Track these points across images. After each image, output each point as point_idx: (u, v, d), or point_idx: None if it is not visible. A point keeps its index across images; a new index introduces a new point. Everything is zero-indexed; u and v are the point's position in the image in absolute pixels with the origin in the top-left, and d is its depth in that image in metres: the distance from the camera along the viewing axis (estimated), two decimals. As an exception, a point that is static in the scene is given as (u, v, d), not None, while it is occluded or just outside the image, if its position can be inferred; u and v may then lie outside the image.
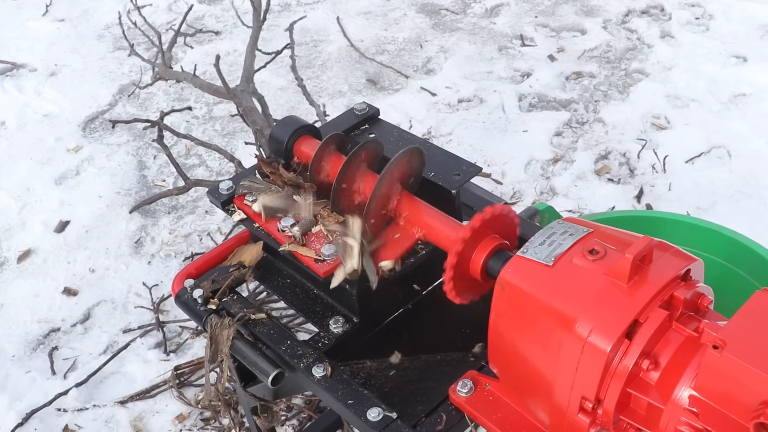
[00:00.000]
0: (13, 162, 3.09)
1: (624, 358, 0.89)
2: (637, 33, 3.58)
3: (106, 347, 2.33)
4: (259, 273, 1.40)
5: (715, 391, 0.85)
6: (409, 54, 3.58)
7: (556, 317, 0.94)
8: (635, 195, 2.72)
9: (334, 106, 3.21)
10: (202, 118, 3.27)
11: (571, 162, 2.88)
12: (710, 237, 1.82)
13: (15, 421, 2.11)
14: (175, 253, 2.63)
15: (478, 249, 1.08)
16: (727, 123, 3.00)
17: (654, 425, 0.91)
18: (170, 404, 2.15)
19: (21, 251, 2.67)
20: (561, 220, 1.06)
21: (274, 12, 3.96)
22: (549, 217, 1.58)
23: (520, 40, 3.59)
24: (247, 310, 1.31)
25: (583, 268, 0.96)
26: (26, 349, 2.35)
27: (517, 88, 3.28)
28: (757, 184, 2.72)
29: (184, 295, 1.37)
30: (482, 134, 3.03)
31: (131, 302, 2.46)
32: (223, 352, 1.29)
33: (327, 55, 3.59)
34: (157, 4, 4.03)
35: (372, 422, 1.11)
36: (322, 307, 1.32)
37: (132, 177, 2.97)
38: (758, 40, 3.45)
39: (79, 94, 3.44)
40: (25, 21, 3.95)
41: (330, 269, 1.16)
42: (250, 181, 1.32)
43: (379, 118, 1.52)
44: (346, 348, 1.27)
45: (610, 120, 3.07)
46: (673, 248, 0.99)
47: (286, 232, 1.22)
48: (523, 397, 1.07)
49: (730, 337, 0.83)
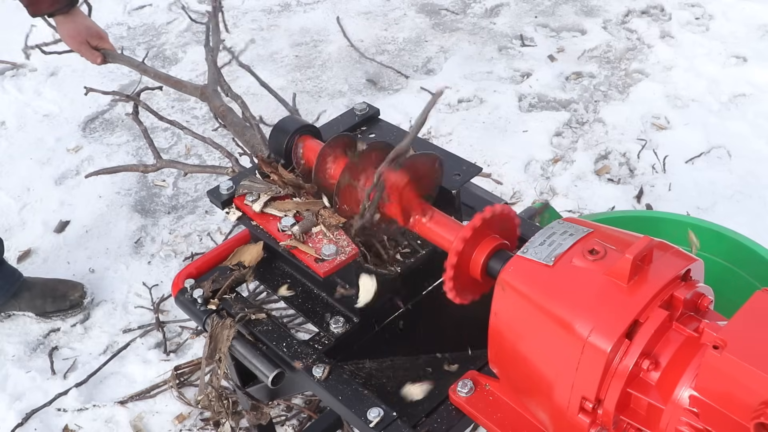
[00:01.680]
0: (13, 162, 3.09)
1: (624, 358, 0.89)
2: (637, 33, 3.58)
3: (106, 347, 2.33)
4: (259, 273, 1.40)
5: (715, 391, 0.85)
6: (409, 54, 3.58)
7: (556, 317, 0.94)
8: (635, 195, 2.72)
9: (334, 106, 3.21)
10: (202, 117, 3.27)
11: (571, 162, 2.88)
12: (710, 237, 1.82)
13: (15, 421, 2.11)
14: (175, 253, 2.63)
15: (479, 249, 1.08)
16: (727, 123, 3.00)
17: (654, 425, 0.91)
18: (170, 404, 2.15)
19: (21, 251, 2.67)
20: (561, 220, 1.06)
21: (274, 12, 3.96)
22: (549, 217, 1.58)
23: (520, 40, 3.59)
24: (247, 310, 1.31)
25: (583, 268, 0.96)
26: (26, 349, 2.35)
27: (517, 88, 3.28)
28: (757, 184, 2.72)
29: (184, 295, 1.37)
30: (482, 134, 3.03)
31: (131, 302, 2.46)
32: (221, 351, 1.29)
33: (327, 55, 3.59)
34: (157, 4, 4.03)
35: (372, 422, 1.11)
36: (322, 307, 1.32)
37: (132, 177, 2.97)
38: (758, 40, 3.45)
39: (79, 94, 3.43)
40: (25, 21, 3.94)
41: (330, 269, 1.16)
42: (250, 181, 1.32)
43: (379, 118, 1.52)
44: (346, 348, 1.27)
45: (610, 120, 3.07)
46: (673, 248, 0.99)
47: (286, 231, 1.22)
48: (523, 397, 1.07)
49: (730, 337, 0.83)
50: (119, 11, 4.00)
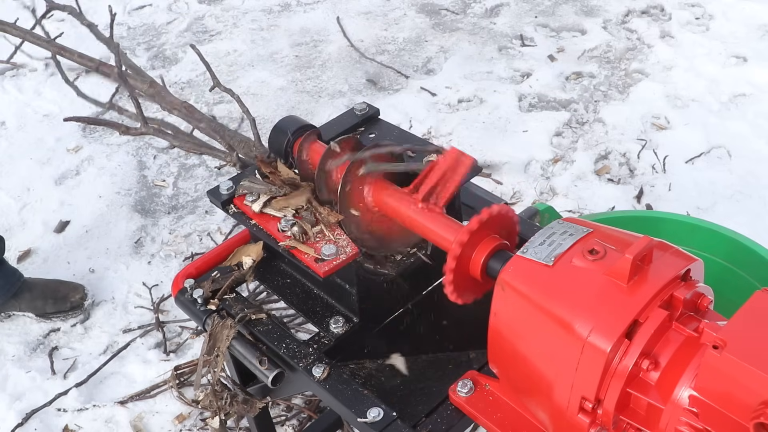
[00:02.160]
0: (13, 162, 3.09)
1: (624, 358, 0.89)
2: (637, 33, 3.58)
3: (106, 347, 2.33)
4: (259, 273, 1.40)
5: (715, 391, 0.85)
6: (409, 54, 3.58)
7: (556, 317, 0.94)
8: (635, 195, 2.72)
9: (334, 106, 3.21)
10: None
11: (571, 162, 2.88)
12: (710, 237, 1.82)
13: (15, 421, 2.11)
14: (175, 253, 2.63)
15: (478, 249, 1.08)
16: (727, 123, 3.00)
17: (654, 425, 0.91)
18: (170, 404, 2.15)
19: (21, 251, 2.67)
20: (561, 220, 1.06)
21: (274, 12, 3.96)
22: (549, 217, 1.58)
23: (520, 40, 3.59)
24: (247, 310, 1.31)
25: (583, 268, 0.96)
26: (26, 349, 2.35)
27: (517, 88, 3.28)
28: (757, 184, 2.72)
29: (184, 295, 1.38)
30: (482, 134, 3.03)
31: (131, 302, 2.46)
32: (220, 349, 1.29)
33: (327, 55, 3.59)
34: (157, 5, 4.03)
35: (372, 422, 1.11)
36: (322, 307, 1.32)
37: (132, 177, 2.97)
38: (758, 40, 3.45)
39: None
40: (25, 21, 3.94)
41: (330, 269, 1.16)
42: (249, 182, 1.32)
43: (379, 118, 1.52)
44: (346, 348, 1.27)
45: (610, 120, 3.07)
46: (673, 248, 0.99)
47: (286, 231, 1.22)
48: (523, 397, 1.07)
49: (730, 337, 0.83)
50: (119, 11, 4.00)
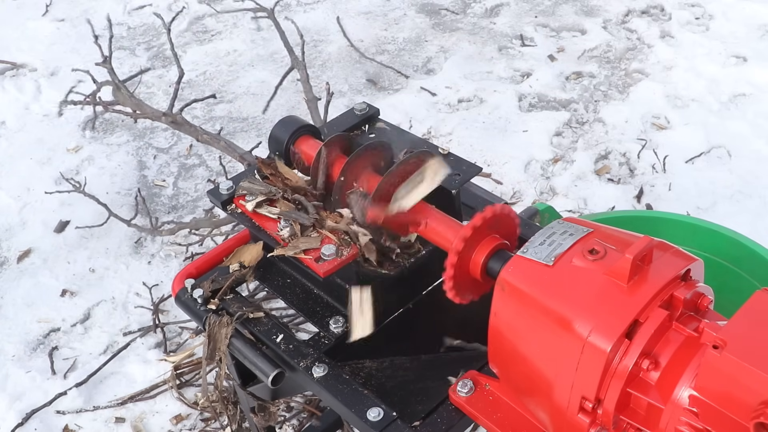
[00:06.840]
0: (13, 162, 3.09)
1: (624, 358, 0.89)
2: (637, 33, 3.58)
3: (106, 347, 2.33)
4: (259, 273, 1.40)
5: (715, 391, 0.85)
6: (409, 54, 3.58)
7: (556, 317, 0.94)
8: (635, 195, 2.72)
9: (334, 106, 3.21)
10: (202, 117, 3.27)
11: (571, 162, 2.88)
12: (710, 237, 1.82)
13: (15, 421, 2.11)
14: (175, 253, 2.63)
15: (479, 249, 1.08)
16: (727, 123, 3.00)
17: (654, 425, 0.91)
18: (170, 404, 2.15)
19: (21, 251, 2.67)
20: (561, 220, 1.06)
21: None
22: (549, 217, 1.58)
23: (520, 40, 3.59)
24: (245, 308, 1.31)
25: (583, 268, 0.96)
26: (26, 349, 2.35)
27: (517, 88, 3.28)
28: (757, 184, 2.72)
29: (184, 295, 1.37)
30: (482, 134, 3.03)
31: (131, 302, 2.46)
32: (221, 350, 1.29)
33: (327, 55, 3.59)
34: (157, 5, 4.03)
35: (372, 422, 1.11)
36: (322, 307, 1.32)
37: (132, 177, 2.97)
38: (758, 40, 3.45)
39: (79, 95, 3.43)
40: (25, 21, 3.95)
41: (330, 269, 1.16)
42: (249, 182, 1.32)
43: (379, 118, 1.52)
44: (346, 348, 1.27)
45: (610, 120, 3.07)
46: (673, 248, 0.99)
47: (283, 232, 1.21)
48: (523, 397, 1.07)
49: (730, 337, 0.83)
50: (119, 11, 4.00)
